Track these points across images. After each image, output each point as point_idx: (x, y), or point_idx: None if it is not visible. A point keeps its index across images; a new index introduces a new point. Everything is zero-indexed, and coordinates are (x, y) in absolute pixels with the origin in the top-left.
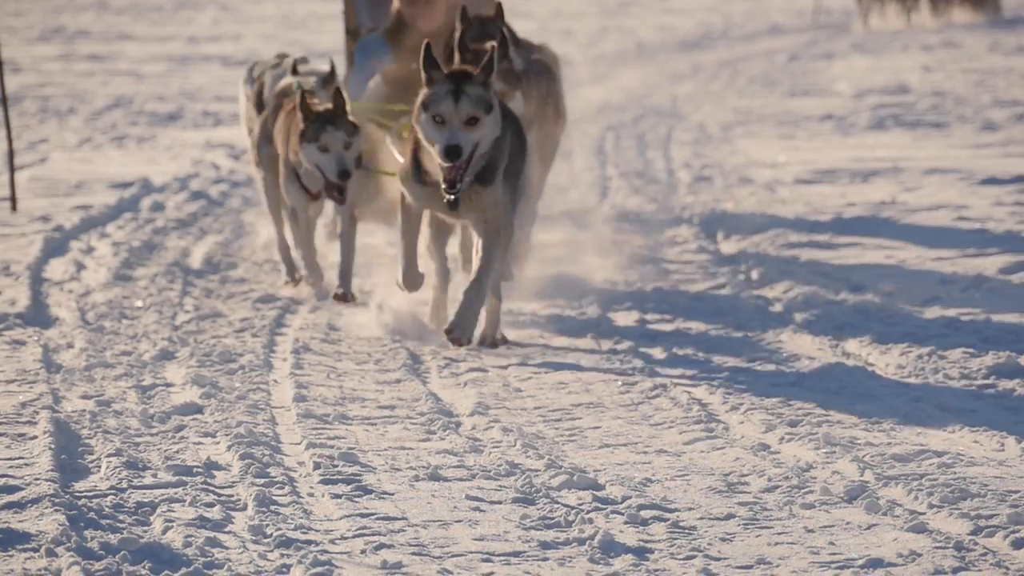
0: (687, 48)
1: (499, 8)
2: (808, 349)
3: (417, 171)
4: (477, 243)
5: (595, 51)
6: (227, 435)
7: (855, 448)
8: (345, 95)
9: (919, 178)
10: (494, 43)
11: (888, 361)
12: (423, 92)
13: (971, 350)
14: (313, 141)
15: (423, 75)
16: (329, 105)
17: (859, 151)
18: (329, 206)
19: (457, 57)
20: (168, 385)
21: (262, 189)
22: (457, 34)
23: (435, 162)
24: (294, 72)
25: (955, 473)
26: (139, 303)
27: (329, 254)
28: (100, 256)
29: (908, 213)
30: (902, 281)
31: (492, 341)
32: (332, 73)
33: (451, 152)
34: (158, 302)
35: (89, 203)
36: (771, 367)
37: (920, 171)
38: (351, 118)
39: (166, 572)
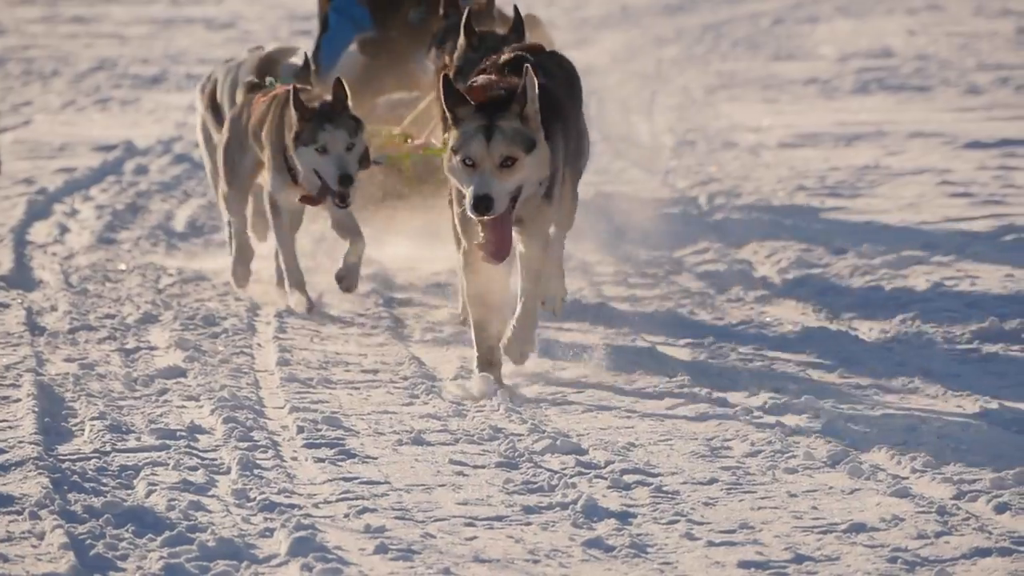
0: (671, 11)
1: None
2: (791, 314)
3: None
4: (519, 251)
5: (579, 15)
6: (210, 399)
7: (838, 413)
8: (347, 87)
9: (903, 142)
10: (528, 65)
11: (871, 326)
12: (451, 133)
13: (955, 314)
14: (310, 143)
15: (447, 113)
16: (327, 98)
17: (843, 115)
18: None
19: (463, 41)
20: (152, 348)
21: (225, 207)
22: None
23: None
24: (265, 62)
25: (938, 437)
26: (122, 266)
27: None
28: (84, 219)
29: (892, 177)
30: (885, 245)
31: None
32: (306, 66)
33: (480, 203)
34: (141, 265)
35: (73, 166)
36: (754, 331)
37: (904, 135)
38: (353, 113)
39: (149, 535)
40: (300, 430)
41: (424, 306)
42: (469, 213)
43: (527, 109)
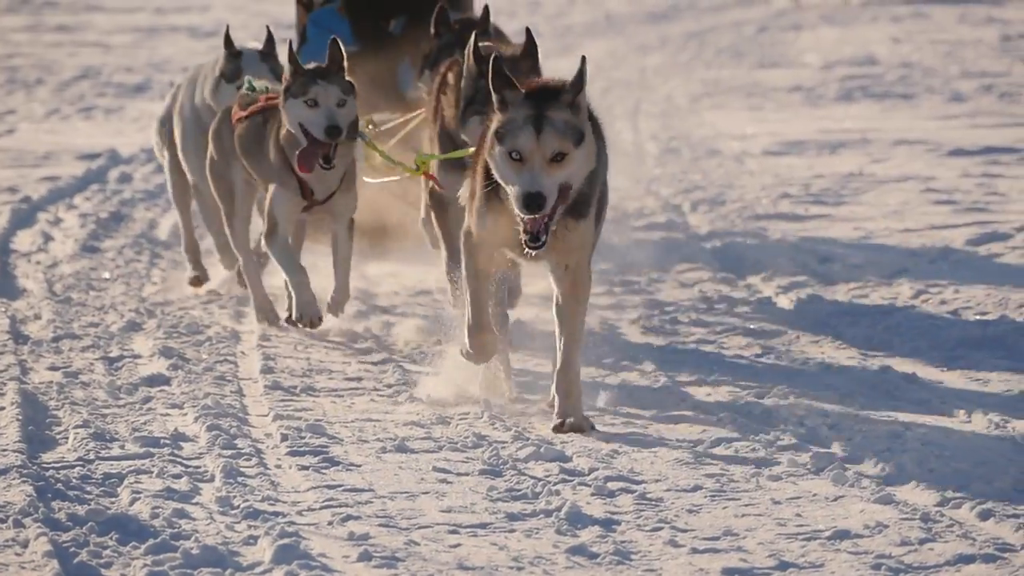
0: (655, 19)
1: (485, 11)
2: (775, 320)
3: (489, 196)
4: (556, 294)
5: (563, 22)
6: (194, 407)
7: (822, 420)
8: (343, 49)
9: (887, 149)
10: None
11: (856, 332)
12: (496, 118)
13: (939, 321)
14: (299, 95)
15: (493, 96)
16: (320, 64)
17: (827, 123)
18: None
19: (472, 67)
20: (135, 357)
21: (222, 224)
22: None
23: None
24: (227, 38)
25: (922, 444)
26: (106, 275)
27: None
28: (67, 227)
29: (876, 184)
30: (870, 252)
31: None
32: (269, 40)
33: (532, 201)
34: (125, 274)
35: (56, 174)
36: (738, 339)
37: (888, 142)
38: (348, 78)
39: (133, 543)
40: (284, 438)
41: (407, 314)
42: (517, 210)
43: (578, 98)
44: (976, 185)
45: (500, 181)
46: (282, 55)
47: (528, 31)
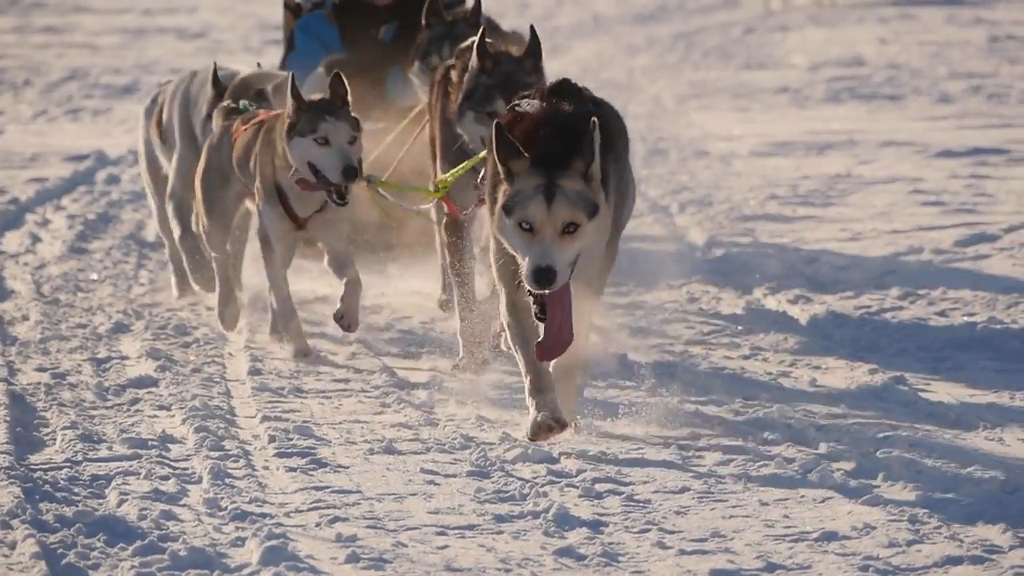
0: (642, 21)
1: (477, 2)
2: (763, 322)
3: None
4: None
5: (550, 24)
6: (182, 408)
7: (810, 421)
8: (346, 83)
9: (874, 151)
10: (594, 119)
11: (843, 334)
12: (502, 191)
13: (926, 323)
14: (307, 133)
15: (499, 166)
16: (323, 96)
17: (814, 124)
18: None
19: (476, 63)
20: (123, 358)
21: (207, 243)
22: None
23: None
24: (215, 79)
25: (910, 446)
26: (94, 276)
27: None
28: (55, 229)
29: (863, 186)
30: (857, 254)
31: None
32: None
33: (542, 276)
34: (113, 275)
35: (44, 176)
36: (726, 340)
37: (875, 144)
38: (353, 113)
39: (121, 545)
40: (272, 439)
41: (394, 315)
42: (527, 285)
43: (591, 168)
44: (964, 186)
45: (511, 251)
46: (266, 61)
47: (532, 30)
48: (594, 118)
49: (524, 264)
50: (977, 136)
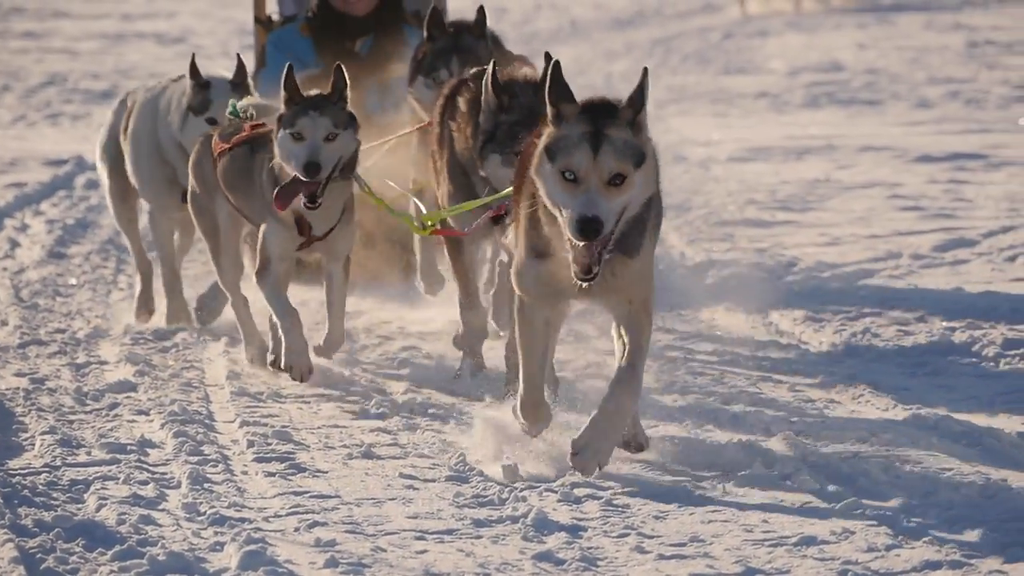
0: (621, 26)
1: (480, 13)
2: (741, 327)
3: (535, 242)
4: (619, 336)
5: (528, 29)
6: (161, 413)
7: (788, 425)
8: (346, 75)
9: (853, 155)
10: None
11: (822, 339)
12: (547, 133)
13: (905, 328)
14: (288, 126)
15: (548, 107)
16: (322, 91)
17: (793, 129)
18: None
19: (492, 100)
20: (102, 363)
21: (220, 280)
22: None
23: (562, 233)
24: (193, 67)
25: (889, 451)
26: (73, 281)
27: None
28: (34, 234)
29: (842, 191)
30: (836, 259)
31: (636, 444)
32: (240, 69)
33: (588, 226)
34: (92, 280)
35: (23, 180)
36: (705, 345)
37: (854, 148)
38: (349, 109)
39: (100, 549)
40: (250, 444)
41: (373, 319)
42: (570, 235)
43: (639, 117)
44: (942, 191)
45: (549, 204)
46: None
47: (548, 57)
48: (646, 67)
49: (566, 215)
50: (955, 141)
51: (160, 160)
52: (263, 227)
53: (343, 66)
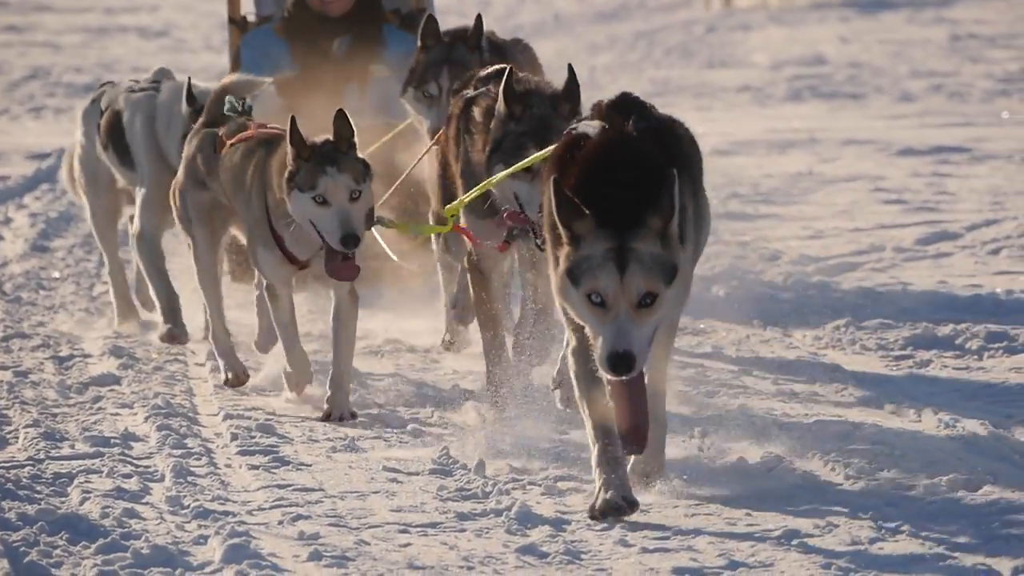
0: (604, 19)
1: (478, 21)
2: (725, 320)
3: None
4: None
5: (512, 22)
6: (144, 406)
7: (772, 419)
8: (351, 121)
9: (836, 149)
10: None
11: (805, 332)
12: (565, 254)
13: (888, 321)
14: (307, 189)
15: (560, 229)
16: (328, 136)
17: (776, 122)
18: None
19: (503, 108)
20: (86, 356)
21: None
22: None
23: None
24: (189, 94)
25: (872, 444)
26: (56, 274)
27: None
28: (17, 227)
29: (825, 184)
30: (819, 252)
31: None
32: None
33: (619, 363)
34: (75, 273)
35: (6, 174)
36: (688, 339)
37: (837, 142)
38: (359, 154)
39: (83, 543)
40: (234, 437)
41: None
42: (602, 371)
43: (670, 226)
44: (925, 184)
45: (578, 321)
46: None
47: (570, 69)
48: (673, 169)
49: (596, 345)
50: (938, 134)
51: (164, 175)
52: (255, 255)
53: (319, 68)
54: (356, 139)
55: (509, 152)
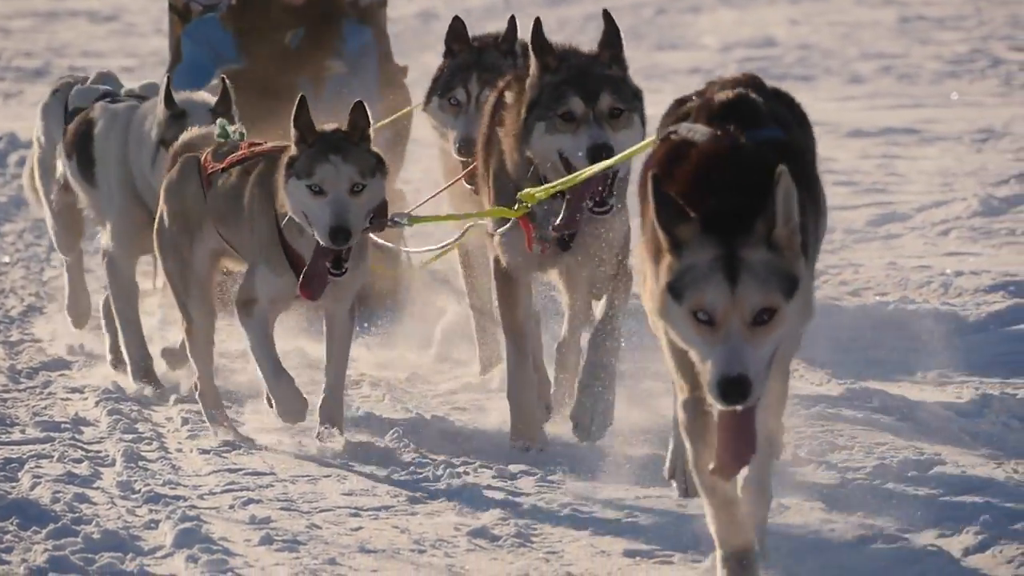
0: (554, 2)
1: (511, 23)
2: None
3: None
4: None
5: (461, 6)
6: (95, 391)
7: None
8: (369, 112)
9: None
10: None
11: None
12: (667, 263)
13: (838, 302)
14: (304, 176)
15: (660, 234)
16: (335, 125)
17: None
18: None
19: (535, 65)
20: (36, 341)
21: (186, 334)
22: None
23: None
24: (168, 96)
25: (822, 425)
26: (6, 259)
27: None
28: None
29: None
30: None
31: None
32: (225, 95)
33: (732, 390)
34: (25, 258)
35: None
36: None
37: None
38: (374, 149)
39: (34, 528)
40: (185, 422)
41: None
42: (714, 401)
43: (790, 232)
44: (875, 166)
45: (683, 346)
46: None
47: (606, 13)
48: (782, 166)
49: (705, 370)
50: (888, 116)
51: (136, 199)
52: (256, 272)
53: (268, 61)
54: (371, 132)
55: (548, 105)
